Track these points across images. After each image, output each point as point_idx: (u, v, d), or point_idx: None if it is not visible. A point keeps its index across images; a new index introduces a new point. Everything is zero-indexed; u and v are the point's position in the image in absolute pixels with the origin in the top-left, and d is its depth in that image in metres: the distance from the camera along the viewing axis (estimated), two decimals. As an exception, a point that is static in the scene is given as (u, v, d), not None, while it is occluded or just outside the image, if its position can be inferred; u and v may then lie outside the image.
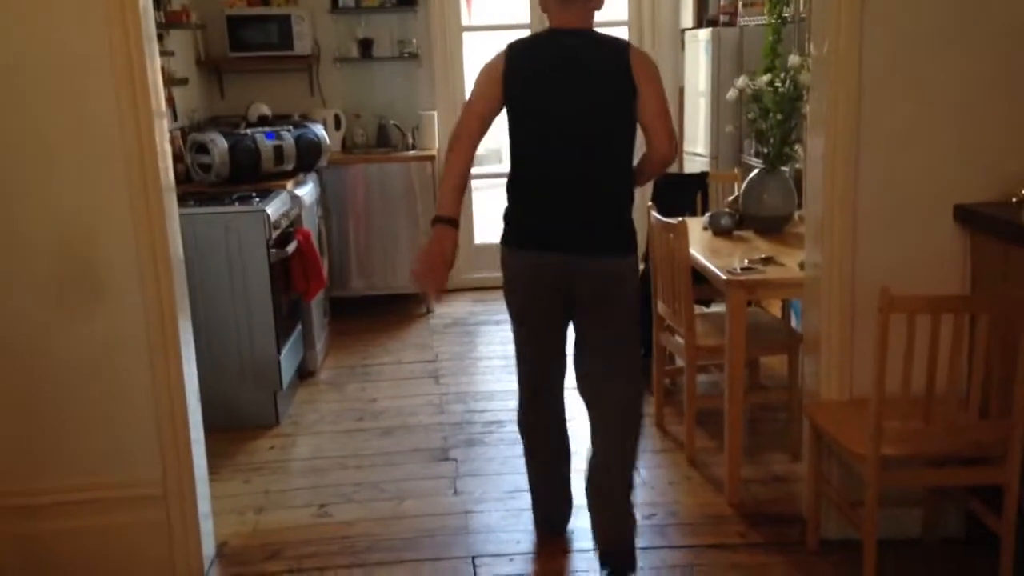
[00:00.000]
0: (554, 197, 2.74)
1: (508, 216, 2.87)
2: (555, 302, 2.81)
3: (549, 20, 2.78)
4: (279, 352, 4.06)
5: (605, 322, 2.81)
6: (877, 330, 2.45)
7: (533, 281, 2.81)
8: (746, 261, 3.35)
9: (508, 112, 2.77)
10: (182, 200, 3.35)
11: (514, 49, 2.77)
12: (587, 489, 2.94)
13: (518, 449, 3.74)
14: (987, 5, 2.72)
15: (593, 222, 2.74)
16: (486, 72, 2.78)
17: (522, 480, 3.48)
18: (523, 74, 2.73)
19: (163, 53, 4.11)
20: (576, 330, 2.91)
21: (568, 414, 3.11)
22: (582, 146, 2.72)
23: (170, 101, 4.70)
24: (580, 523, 3.11)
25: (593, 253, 2.73)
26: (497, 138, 10.28)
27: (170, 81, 4.70)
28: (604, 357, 2.86)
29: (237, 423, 3.98)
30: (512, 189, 2.85)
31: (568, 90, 2.70)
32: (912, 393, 2.48)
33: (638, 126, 2.76)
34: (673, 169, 5.89)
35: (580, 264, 2.73)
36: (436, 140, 5.93)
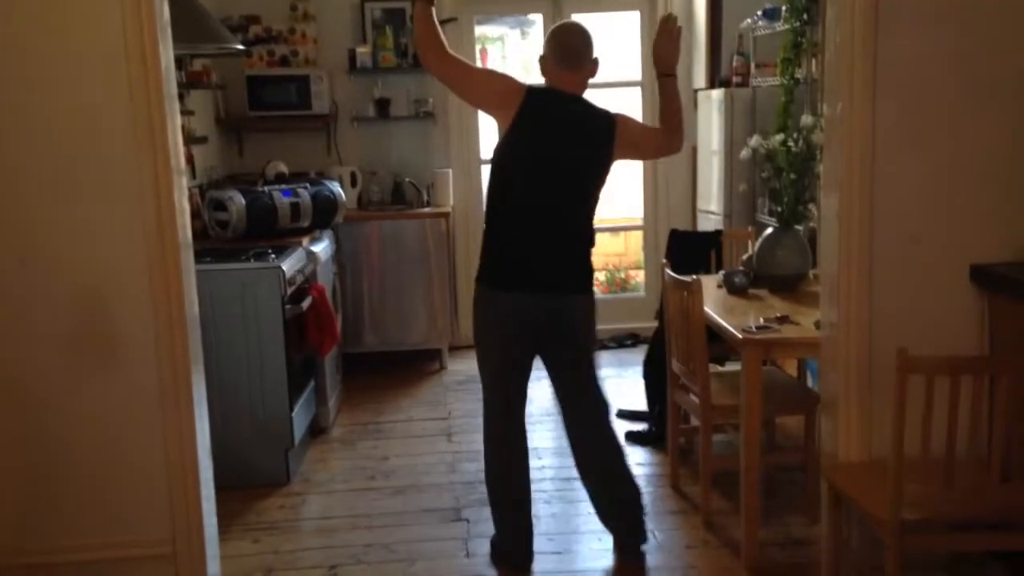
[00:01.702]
0: (537, 240, 3.05)
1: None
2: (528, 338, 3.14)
3: (549, 81, 3.16)
4: (291, 409, 4.05)
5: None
6: (895, 391, 2.42)
7: (513, 318, 3.08)
8: (761, 320, 3.33)
9: (506, 143, 3.07)
10: (199, 256, 3.37)
11: (534, 91, 3.09)
12: (592, 489, 3.26)
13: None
14: (998, 67, 2.74)
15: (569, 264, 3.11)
16: (509, 83, 3.13)
17: (537, 542, 3.43)
18: (535, 114, 3.05)
19: (184, 112, 4.17)
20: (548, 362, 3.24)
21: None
22: (566, 197, 3.06)
23: (189, 159, 4.76)
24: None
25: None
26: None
27: (190, 139, 4.77)
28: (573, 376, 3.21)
29: (247, 480, 3.94)
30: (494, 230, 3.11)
31: (566, 146, 3.04)
32: (932, 455, 2.43)
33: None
34: (687, 227, 5.95)
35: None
36: (451, 198, 5.97)
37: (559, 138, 3.05)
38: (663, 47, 3.30)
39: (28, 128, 2.70)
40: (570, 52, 3.14)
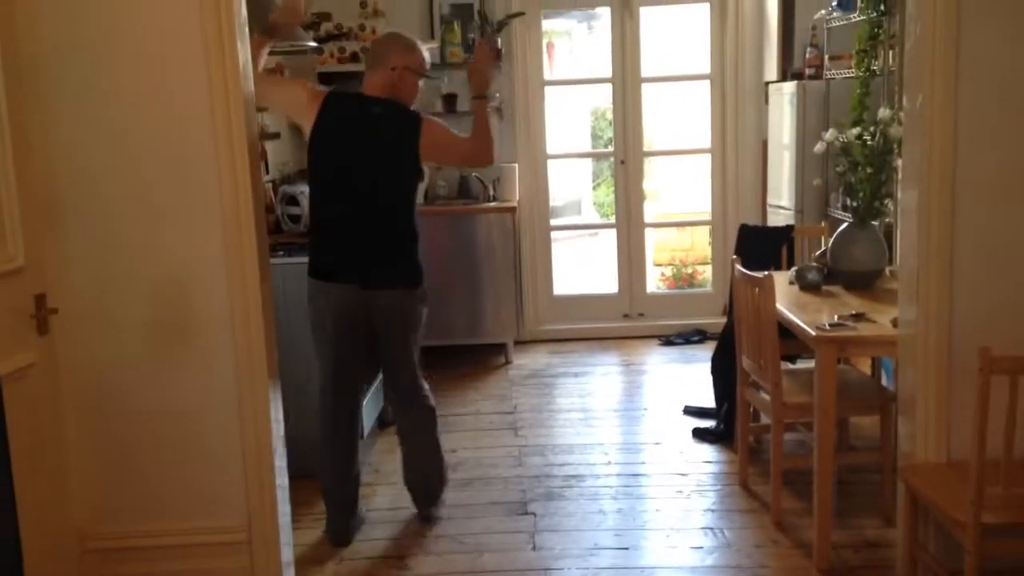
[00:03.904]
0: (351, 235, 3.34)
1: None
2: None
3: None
4: (360, 400, 4.10)
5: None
6: (977, 392, 2.36)
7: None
8: (836, 317, 3.27)
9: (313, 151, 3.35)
10: (272, 250, 3.45)
11: (331, 95, 3.39)
12: (407, 475, 3.63)
13: (598, 505, 3.72)
14: (1090, 56, 2.65)
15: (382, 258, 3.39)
16: (309, 91, 3.42)
17: (603, 537, 3.45)
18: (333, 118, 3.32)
19: (258, 109, 4.25)
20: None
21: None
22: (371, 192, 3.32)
23: (263, 155, 4.85)
24: None
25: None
26: (577, 191, 10.33)
27: (263, 136, 4.86)
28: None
29: (317, 471, 4.00)
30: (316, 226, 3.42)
31: (366, 145, 3.30)
32: (1014, 457, 2.37)
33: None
34: (757, 221, 5.87)
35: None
36: (516, 192, 5.98)
37: (357, 137, 3.30)
38: (475, 71, 3.48)
39: (111, 126, 2.77)
40: (369, 56, 3.45)
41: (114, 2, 2.73)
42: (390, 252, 3.39)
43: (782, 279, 3.87)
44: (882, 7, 4.60)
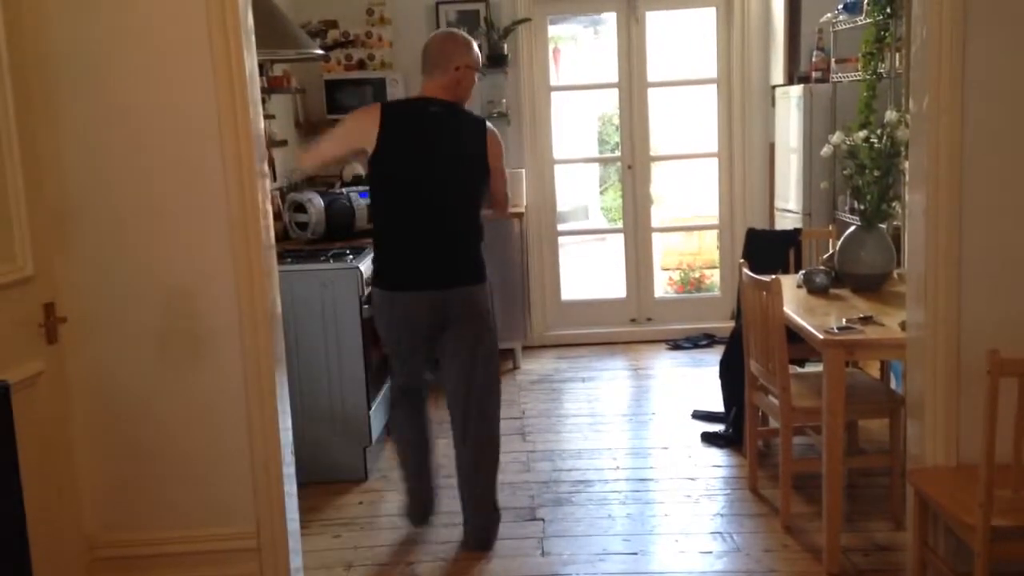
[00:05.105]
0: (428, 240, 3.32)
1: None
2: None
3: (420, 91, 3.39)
4: (369, 407, 4.11)
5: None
6: (986, 394, 2.35)
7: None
8: (844, 320, 3.26)
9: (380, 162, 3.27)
10: (280, 257, 3.46)
11: (385, 106, 3.36)
12: (460, 487, 3.47)
13: (607, 510, 3.71)
14: (1097, 58, 2.64)
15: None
16: (363, 113, 3.36)
17: (612, 542, 3.44)
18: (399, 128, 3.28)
19: (265, 116, 4.27)
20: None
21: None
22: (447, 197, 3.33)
23: (271, 162, 4.87)
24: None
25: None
26: (584, 195, 10.30)
27: (271, 143, 4.88)
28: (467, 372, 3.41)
29: (326, 477, 4.02)
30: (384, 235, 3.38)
31: (432, 147, 3.29)
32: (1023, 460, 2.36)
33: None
34: (764, 225, 5.86)
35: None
36: (524, 197, 5.98)
37: (421, 141, 3.27)
38: None
39: (118, 133, 2.79)
40: (427, 59, 3.37)
41: (121, 14, 2.74)
42: (461, 254, 3.37)
43: (790, 283, 3.86)
44: (888, 10, 4.59)
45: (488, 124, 3.42)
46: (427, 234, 3.30)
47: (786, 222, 5.61)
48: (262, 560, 2.92)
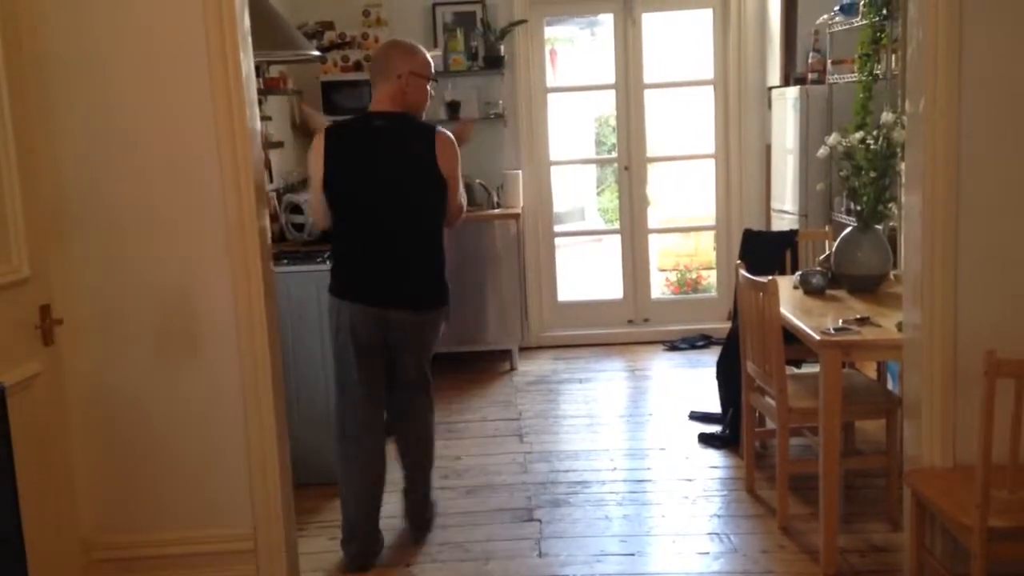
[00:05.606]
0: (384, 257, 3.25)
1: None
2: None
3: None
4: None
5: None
6: (983, 395, 2.35)
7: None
8: (840, 321, 3.26)
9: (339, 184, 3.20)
10: (276, 258, 3.45)
11: (329, 129, 3.26)
12: (405, 494, 3.57)
13: (604, 511, 3.71)
14: (1093, 59, 2.64)
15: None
16: (313, 146, 3.24)
17: (609, 543, 3.44)
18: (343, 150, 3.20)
19: (261, 117, 4.27)
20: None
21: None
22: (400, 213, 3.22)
23: (267, 164, 4.87)
24: None
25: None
26: (581, 197, 10.29)
27: (267, 144, 4.88)
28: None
29: (322, 478, 4.00)
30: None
31: (376, 163, 3.18)
32: (1021, 461, 2.36)
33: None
34: (761, 226, 5.86)
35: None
36: (520, 198, 5.99)
37: (364, 158, 3.18)
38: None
39: (114, 135, 2.79)
40: (372, 70, 3.31)
41: (118, 15, 2.74)
42: (413, 277, 3.28)
43: (786, 283, 3.87)
44: (884, 12, 4.60)
45: (439, 130, 3.27)
46: (376, 254, 3.22)
47: (782, 223, 5.62)
48: (259, 562, 2.92)
